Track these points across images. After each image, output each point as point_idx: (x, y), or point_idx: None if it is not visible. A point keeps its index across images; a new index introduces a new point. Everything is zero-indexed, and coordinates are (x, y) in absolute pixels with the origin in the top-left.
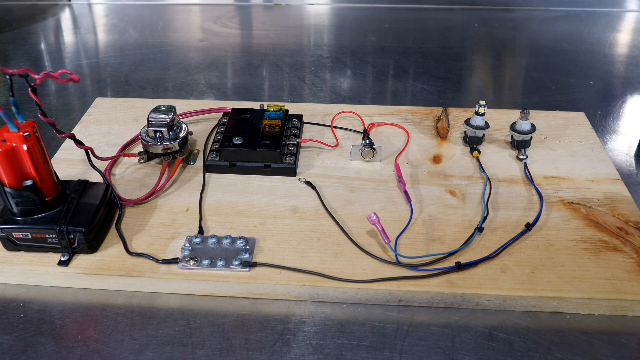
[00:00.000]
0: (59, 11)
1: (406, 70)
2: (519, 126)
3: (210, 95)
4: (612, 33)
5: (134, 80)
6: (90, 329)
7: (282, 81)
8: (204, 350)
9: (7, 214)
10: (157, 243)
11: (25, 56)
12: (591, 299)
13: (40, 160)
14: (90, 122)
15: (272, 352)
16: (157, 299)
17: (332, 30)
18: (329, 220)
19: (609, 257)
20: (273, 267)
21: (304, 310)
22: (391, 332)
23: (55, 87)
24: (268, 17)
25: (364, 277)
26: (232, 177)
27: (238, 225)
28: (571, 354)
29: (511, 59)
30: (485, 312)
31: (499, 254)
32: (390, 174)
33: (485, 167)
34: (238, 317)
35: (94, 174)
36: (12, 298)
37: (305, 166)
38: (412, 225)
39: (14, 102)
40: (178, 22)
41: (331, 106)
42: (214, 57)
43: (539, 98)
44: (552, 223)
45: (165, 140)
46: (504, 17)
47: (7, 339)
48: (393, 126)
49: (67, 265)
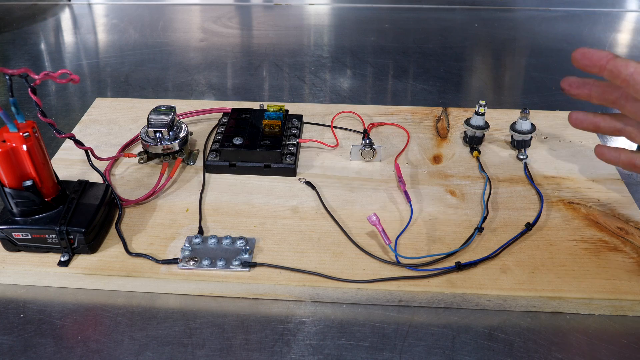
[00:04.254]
0: (59, 11)
1: (406, 70)
2: (519, 126)
3: (210, 95)
4: (612, 33)
5: (134, 80)
6: (90, 329)
7: (282, 81)
8: (204, 350)
9: (7, 215)
10: (157, 243)
11: (25, 56)
12: (591, 299)
13: (40, 161)
14: (90, 122)
15: (272, 353)
16: (157, 299)
17: (332, 30)
18: (329, 220)
19: (609, 257)
20: (273, 268)
21: (304, 310)
22: (391, 333)
23: (55, 87)
24: (268, 17)
25: (364, 277)
26: (232, 177)
27: (238, 226)
28: (571, 354)
29: (511, 59)
30: (485, 312)
31: (499, 254)
32: (390, 174)
33: (485, 167)
34: (238, 317)
35: (94, 174)
36: (12, 298)
37: (305, 166)
38: (412, 225)
39: (13, 103)
40: (178, 22)
41: (331, 106)
42: (214, 57)
43: (539, 98)
44: (552, 223)
45: (165, 141)
46: (504, 17)
47: (7, 339)
48: (393, 126)
49: (67, 265)
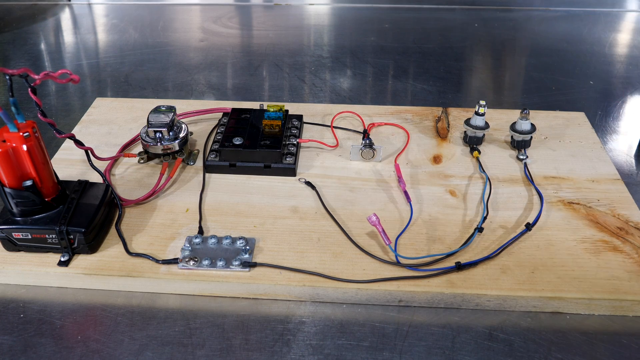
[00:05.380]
0: (59, 11)
1: (406, 70)
2: (519, 126)
3: (210, 95)
4: (612, 33)
5: (134, 80)
6: (90, 329)
7: (282, 81)
8: (204, 350)
9: (7, 215)
10: (157, 243)
11: (25, 56)
12: (591, 299)
13: (40, 161)
14: (90, 122)
15: (272, 353)
16: (157, 299)
17: (332, 30)
18: (329, 220)
19: (609, 257)
20: (273, 268)
21: (304, 310)
22: (391, 333)
23: (55, 87)
24: (268, 17)
25: (364, 277)
26: (232, 177)
27: (238, 226)
28: (571, 354)
29: (511, 59)
30: (485, 312)
31: (499, 254)
32: (390, 174)
33: (485, 167)
34: (238, 317)
35: (94, 174)
36: (12, 298)
37: (305, 166)
38: (412, 225)
39: (13, 103)
40: (178, 22)
41: (331, 106)
42: (214, 57)
43: (539, 98)
44: (552, 223)
45: (165, 141)
46: (504, 17)
47: (7, 339)
48: (393, 126)
49: (67, 265)
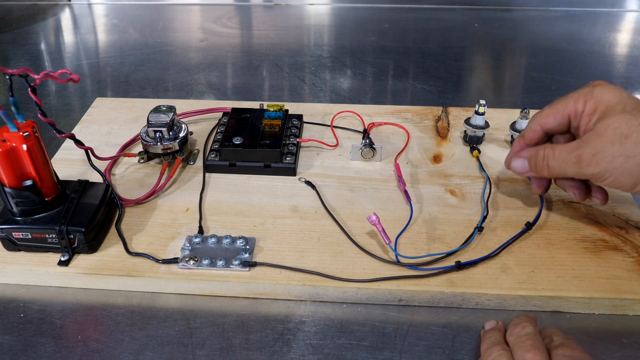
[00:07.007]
0: (59, 11)
1: (406, 70)
2: (519, 125)
3: (210, 95)
4: (612, 33)
5: (134, 80)
6: (90, 329)
7: (282, 81)
8: (204, 350)
9: (7, 214)
10: (157, 243)
11: (25, 56)
12: (591, 298)
13: (40, 160)
14: (90, 122)
15: (272, 352)
16: (157, 299)
17: (332, 30)
18: (329, 220)
19: (609, 257)
20: (273, 267)
21: (304, 310)
22: (391, 332)
23: (55, 87)
24: (268, 17)
25: (364, 276)
26: (232, 177)
27: (238, 225)
28: None
29: (511, 59)
30: (486, 311)
31: (499, 253)
32: (390, 174)
33: (485, 167)
34: (238, 317)
35: (94, 174)
36: (12, 298)
37: (305, 166)
38: (412, 224)
39: (13, 102)
40: (178, 22)
41: (331, 106)
42: (214, 57)
43: (539, 98)
44: (552, 222)
45: (165, 140)
46: (504, 17)
47: (7, 339)
48: (393, 126)
49: (67, 265)
